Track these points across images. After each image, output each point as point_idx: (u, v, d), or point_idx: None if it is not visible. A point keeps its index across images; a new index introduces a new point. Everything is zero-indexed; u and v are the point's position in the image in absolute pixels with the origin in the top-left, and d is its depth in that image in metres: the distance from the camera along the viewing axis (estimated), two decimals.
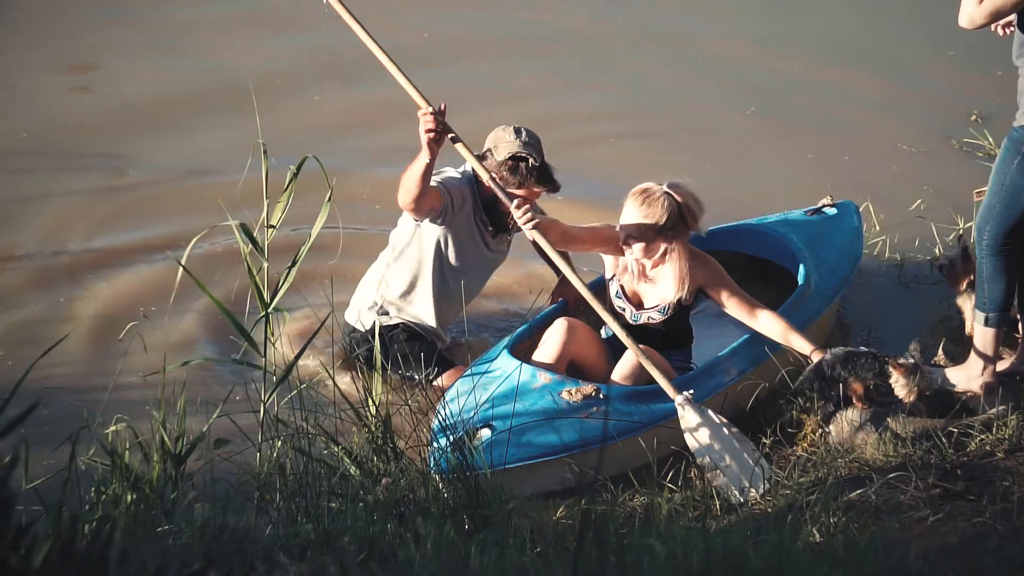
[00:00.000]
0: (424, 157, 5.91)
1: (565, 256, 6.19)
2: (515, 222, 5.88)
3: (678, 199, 5.91)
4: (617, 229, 6.00)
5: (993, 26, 5.82)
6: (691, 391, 5.71)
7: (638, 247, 5.95)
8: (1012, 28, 5.79)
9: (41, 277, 7.39)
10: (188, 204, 8.04)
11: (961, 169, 8.28)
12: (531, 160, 6.19)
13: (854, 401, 5.75)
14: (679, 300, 6.06)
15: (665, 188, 5.93)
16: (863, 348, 5.88)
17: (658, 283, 6.09)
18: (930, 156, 8.58)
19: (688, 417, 5.64)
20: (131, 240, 7.76)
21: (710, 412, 5.67)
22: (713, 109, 9.25)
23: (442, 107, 5.89)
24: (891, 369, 5.72)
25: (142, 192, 8.31)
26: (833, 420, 5.77)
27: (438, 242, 6.36)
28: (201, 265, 7.17)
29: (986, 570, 4.22)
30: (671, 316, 6.11)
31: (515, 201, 5.84)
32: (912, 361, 5.76)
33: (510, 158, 6.19)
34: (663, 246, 5.97)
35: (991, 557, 4.33)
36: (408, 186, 6.05)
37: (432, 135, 5.83)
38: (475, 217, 6.40)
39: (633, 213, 5.92)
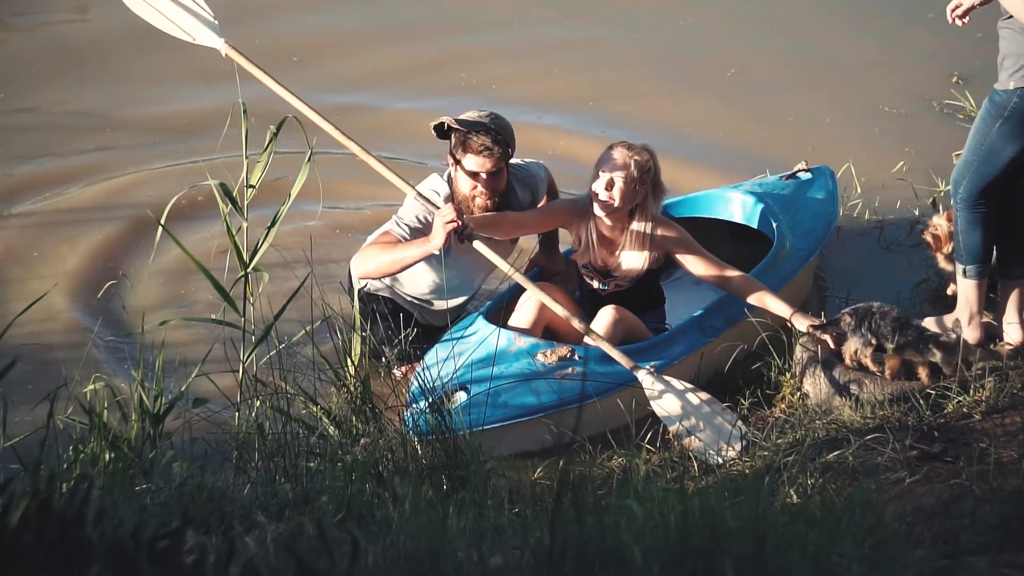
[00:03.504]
0: (432, 248, 5.76)
1: (554, 250, 6.47)
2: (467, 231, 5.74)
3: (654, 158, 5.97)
4: (590, 190, 5.97)
5: (950, 18, 5.81)
6: (652, 364, 5.71)
7: (619, 190, 5.90)
8: (969, 19, 5.79)
9: (18, 235, 7.35)
10: (173, 160, 8.00)
11: (942, 131, 8.27)
12: (451, 122, 5.98)
13: (922, 378, 5.74)
14: (644, 264, 6.07)
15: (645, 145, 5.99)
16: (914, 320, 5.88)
17: (620, 249, 6.08)
18: (911, 118, 8.56)
19: (653, 389, 5.65)
20: (110, 198, 7.72)
21: (674, 381, 5.65)
22: (694, 71, 9.22)
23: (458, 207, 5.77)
24: (932, 347, 5.74)
25: (125, 148, 8.26)
26: (810, 378, 5.79)
27: None
28: (183, 224, 7.12)
29: (962, 531, 4.25)
30: (639, 280, 6.12)
31: (440, 210, 5.74)
32: (953, 339, 5.78)
33: (439, 130, 6.05)
34: (635, 202, 5.95)
35: (967, 518, 4.36)
36: (385, 268, 5.94)
37: (455, 229, 5.66)
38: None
39: (619, 155, 5.91)
